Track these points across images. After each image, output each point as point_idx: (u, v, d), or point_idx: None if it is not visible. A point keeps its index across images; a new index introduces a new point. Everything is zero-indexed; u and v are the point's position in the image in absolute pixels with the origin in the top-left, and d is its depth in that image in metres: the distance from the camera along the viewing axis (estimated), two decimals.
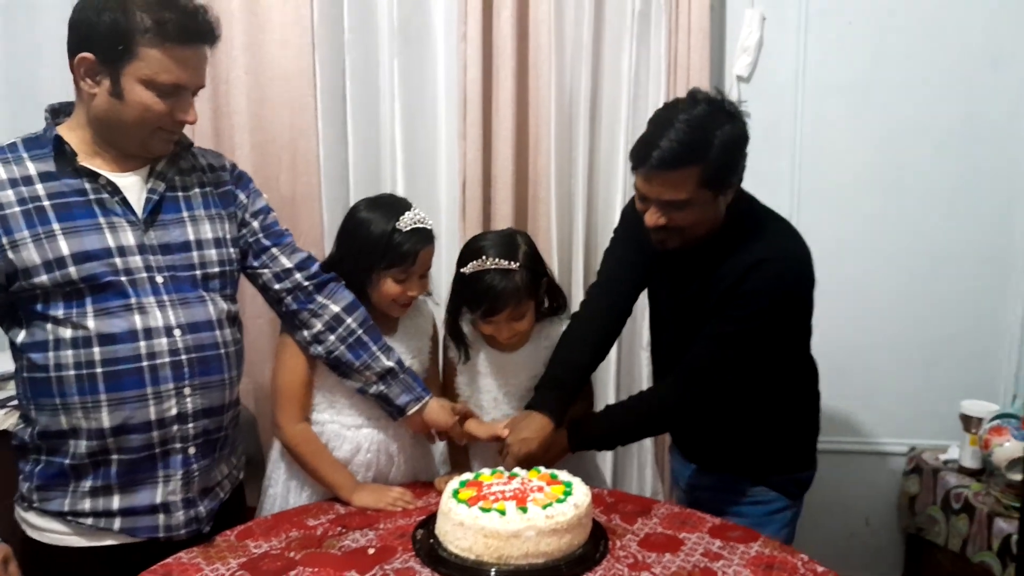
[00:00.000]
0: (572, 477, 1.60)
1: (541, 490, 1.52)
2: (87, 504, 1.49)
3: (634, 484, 2.62)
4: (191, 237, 1.55)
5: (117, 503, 1.50)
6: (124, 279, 1.46)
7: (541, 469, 1.64)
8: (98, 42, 1.39)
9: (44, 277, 1.41)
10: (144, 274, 1.48)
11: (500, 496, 1.50)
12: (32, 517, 1.53)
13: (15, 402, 1.65)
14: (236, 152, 2.37)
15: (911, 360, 2.69)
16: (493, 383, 1.93)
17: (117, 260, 1.45)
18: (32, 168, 1.44)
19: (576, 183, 2.52)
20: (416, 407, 1.78)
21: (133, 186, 1.51)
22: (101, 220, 1.46)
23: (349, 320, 1.73)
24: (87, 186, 1.46)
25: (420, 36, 2.49)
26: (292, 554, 1.50)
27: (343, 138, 2.47)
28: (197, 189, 1.60)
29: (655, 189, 1.63)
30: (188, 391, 1.51)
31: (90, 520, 1.50)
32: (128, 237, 1.48)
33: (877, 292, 2.65)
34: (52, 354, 1.44)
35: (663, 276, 1.86)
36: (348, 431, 1.82)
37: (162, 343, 1.47)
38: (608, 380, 2.51)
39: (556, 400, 1.81)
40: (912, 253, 2.63)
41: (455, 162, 2.50)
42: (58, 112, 1.53)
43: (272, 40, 2.38)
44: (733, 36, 2.57)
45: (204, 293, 1.55)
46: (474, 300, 1.81)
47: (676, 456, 2.08)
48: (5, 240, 1.40)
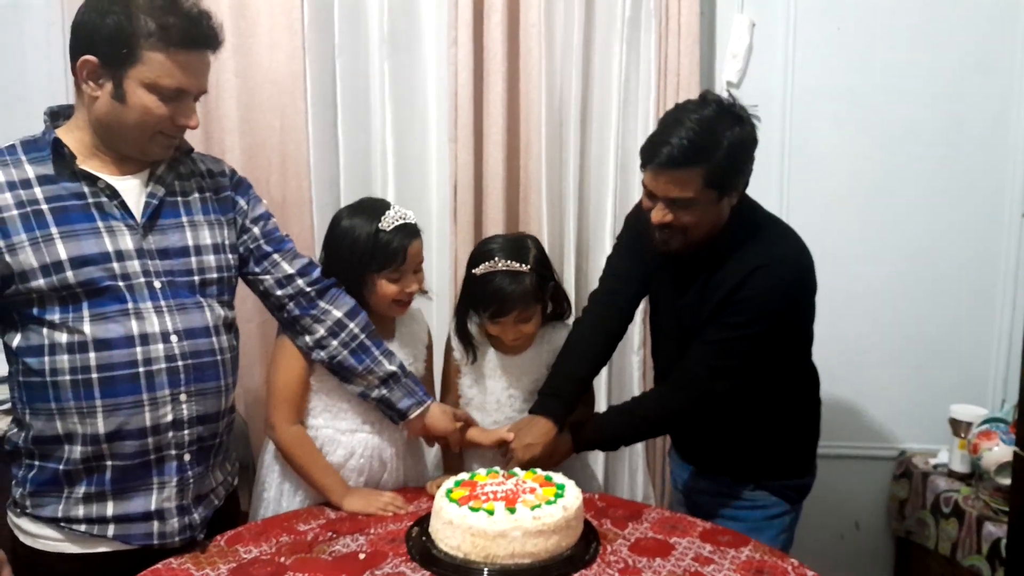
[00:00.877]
0: (566, 480, 1.61)
1: (533, 491, 1.53)
2: (80, 510, 1.48)
3: (625, 489, 2.62)
4: (190, 242, 1.55)
5: (111, 510, 1.49)
6: (121, 284, 1.45)
7: (537, 471, 1.65)
8: (101, 45, 1.39)
9: (41, 281, 1.40)
10: (142, 279, 1.47)
11: (491, 496, 1.51)
12: (25, 523, 1.51)
13: (6, 406, 1.63)
14: (226, 155, 2.36)
15: (900, 365, 2.70)
16: (497, 385, 1.94)
17: (115, 265, 1.44)
18: (30, 171, 1.43)
19: (567, 187, 2.52)
20: (418, 411, 1.78)
21: (132, 190, 1.50)
22: (99, 224, 1.45)
23: (351, 325, 1.73)
24: (86, 190, 1.45)
25: (411, 40, 2.49)
26: (282, 559, 1.50)
27: (334, 142, 2.46)
28: (196, 194, 1.59)
29: (662, 186, 1.65)
30: (184, 397, 1.50)
31: (83, 526, 1.48)
32: (126, 241, 1.47)
33: (866, 297, 2.66)
34: (48, 359, 1.43)
35: (663, 282, 1.87)
36: (342, 436, 1.81)
37: (158, 349, 1.46)
38: (599, 382, 2.50)
39: (559, 406, 1.84)
40: (901, 258, 2.65)
41: (446, 166, 2.50)
42: (57, 115, 1.52)
43: (262, 44, 2.37)
44: (723, 42, 2.58)
45: (202, 299, 1.55)
46: (483, 301, 1.83)
47: (675, 458, 2.08)
48: (2, 244, 1.39)
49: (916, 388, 2.70)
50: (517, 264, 1.80)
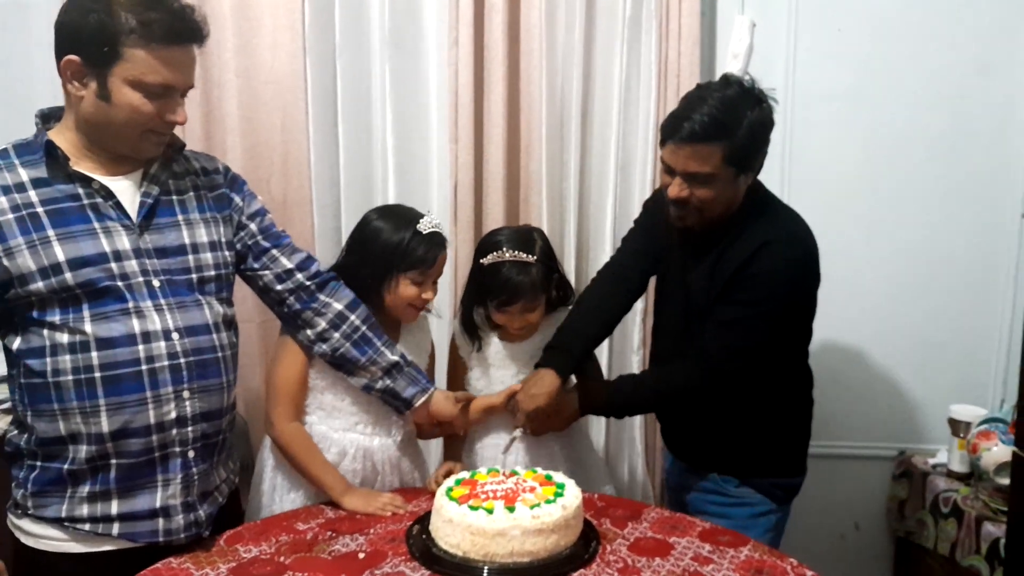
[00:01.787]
0: (567, 479, 1.61)
1: (533, 490, 1.54)
2: (85, 510, 1.48)
3: (625, 488, 2.62)
4: (186, 241, 1.55)
5: (116, 508, 1.49)
6: (120, 284, 1.45)
7: (537, 470, 1.65)
8: (84, 44, 1.38)
9: (40, 284, 1.40)
10: (140, 278, 1.47)
11: (491, 495, 1.51)
12: (27, 524, 1.51)
13: (6, 405, 1.64)
14: (227, 155, 2.37)
15: (900, 365, 2.70)
16: (505, 373, 1.98)
17: (113, 265, 1.45)
18: (24, 174, 1.43)
19: (567, 187, 2.52)
20: (423, 398, 1.80)
21: (127, 190, 1.50)
22: (96, 225, 1.45)
23: (352, 317, 1.74)
24: (80, 191, 1.45)
25: (411, 40, 2.49)
26: (282, 559, 1.50)
27: (334, 142, 2.46)
28: (191, 192, 1.59)
29: (682, 161, 1.68)
30: (187, 395, 1.50)
31: (88, 526, 1.48)
32: (123, 241, 1.47)
33: (866, 297, 2.66)
34: (49, 360, 1.43)
35: (673, 259, 1.89)
36: (335, 433, 1.82)
37: (160, 347, 1.47)
38: None
39: (563, 358, 1.86)
40: (901, 258, 2.65)
41: (447, 166, 2.50)
42: (48, 117, 1.52)
43: (264, 43, 2.37)
44: (723, 42, 2.58)
45: (200, 297, 1.55)
46: (491, 290, 1.88)
47: (666, 454, 2.09)
48: (0, 248, 1.39)
49: (916, 388, 2.70)
50: (524, 255, 1.85)
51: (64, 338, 1.43)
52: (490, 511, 1.45)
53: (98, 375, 1.43)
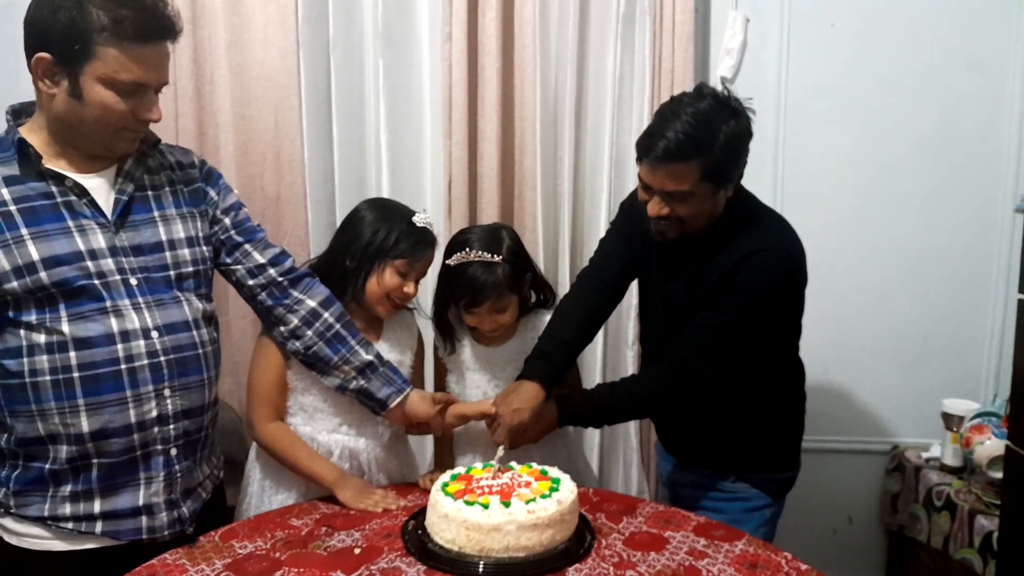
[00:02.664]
0: (562, 474, 1.61)
1: (528, 485, 1.54)
2: (68, 509, 1.47)
3: (620, 483, 2.63)
4: (163, 237, 1.53)
5: (99, 507, 1.48)
6: (97, 282, 1.43)
7: (533, 464, 1.65)
8: (54, 42, 1.35)
9: (15, 284, 1.38)
10: (117, 276, 1.45)
11: (487, 490, 1.51)
12: (9, 522, 1.50)
13: None
14: (220, 151, 2.36)
15: (893, 359, 2.72)
16: (481, 377, 1.94)
17: (89, 264, 1.42)
18: None
19: (562, 183, 2.53)
20: (398, 399, 1.77)
21: (101, 187, 1.47)
22: (70, 224, 1.42)
23: (326, 315, 1.72)
24: (54, 189, 1.42)
25: (405, 36, 2.49)
26: (277, 554, 1.50)
27: (328, 138, 2.46)
28: (167, 188, 1.56)
29: (659, 180, 1.65)
30: (168, 392, 1.49)
31: (71, 524, 1.47)
32: (99, 240, 1.44)
33: (859, 292, 2.67)
34: (27, 360, 1.41)
35: (652, 266, 1.88)
36: (319, 435, 1.80)
37: (140, 345, 1.45)
38: (594, 378, 2.51)
39: (546, 368, 1.81)
40: (893, 253, 2.66)
41: (440, 162, 2.50)
42: (20, 113, 1.49)
43: (256, 39, 2.37)
44: (717, 38, 2.59)
45: (179, 293, 1.53)
46: (457, 291, 1.84)
47: (659, 450, 2.09)
48: None
49: (909, 382, 2.71)
50: (489, 255, 1.80)
51: (41, 338, 1.40)
52: (486, 506, 1.45)
53: (76, 375, 1.41)
